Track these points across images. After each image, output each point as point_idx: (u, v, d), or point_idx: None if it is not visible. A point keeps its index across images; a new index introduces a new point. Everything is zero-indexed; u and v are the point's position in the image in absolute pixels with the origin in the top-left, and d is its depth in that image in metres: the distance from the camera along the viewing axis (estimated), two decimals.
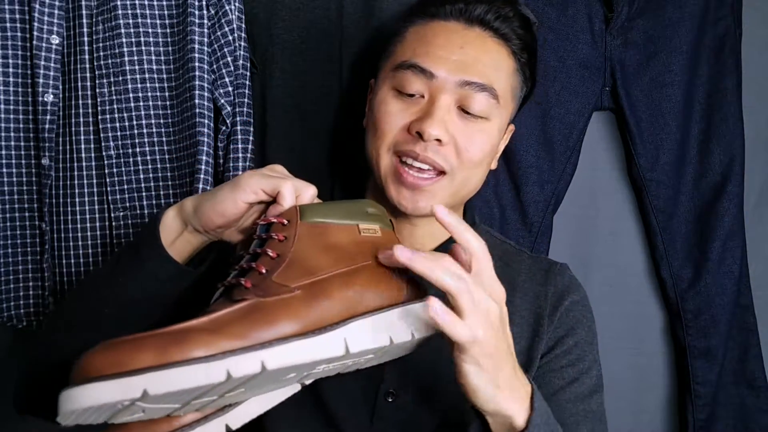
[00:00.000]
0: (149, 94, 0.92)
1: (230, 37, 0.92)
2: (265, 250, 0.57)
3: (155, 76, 0.92)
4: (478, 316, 0.54)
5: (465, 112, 0.74)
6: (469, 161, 0.74)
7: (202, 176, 0.89)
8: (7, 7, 0.89)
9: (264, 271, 0.55)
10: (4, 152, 0.91)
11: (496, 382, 0.56)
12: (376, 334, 0.56)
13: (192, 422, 0.53)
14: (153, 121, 0.92)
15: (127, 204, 0.92)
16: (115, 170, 0.92)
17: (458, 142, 0.73)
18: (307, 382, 0.61)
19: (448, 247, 0.79)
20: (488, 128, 0.76)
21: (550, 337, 0.77)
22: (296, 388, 0.61)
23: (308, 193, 0.61)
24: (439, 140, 0.72)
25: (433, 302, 0.52)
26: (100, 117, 0.91)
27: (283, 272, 0.55)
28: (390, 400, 0.73)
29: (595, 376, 0.78)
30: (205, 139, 0.89)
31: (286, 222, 0.59)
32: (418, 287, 0.61)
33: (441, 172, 0.74)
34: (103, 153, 0.91)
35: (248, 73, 0.95)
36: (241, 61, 0.93)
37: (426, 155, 0.72)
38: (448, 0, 0.77)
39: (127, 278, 0.64)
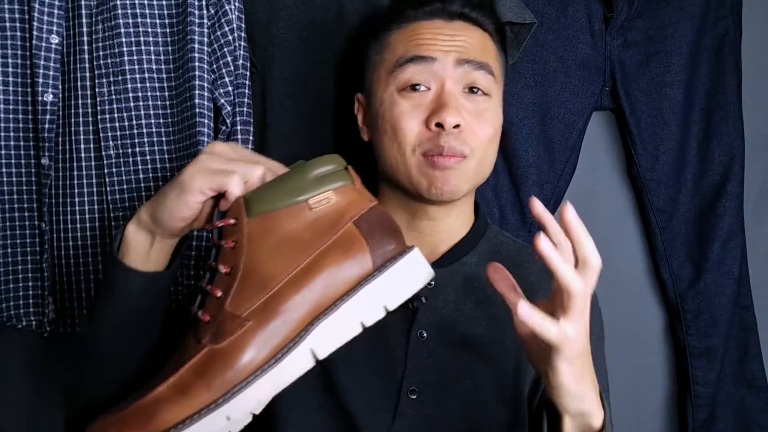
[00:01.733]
0: (149, 94, 0.92)
1: (230, 37, 0.92)
2: (218, 266, 0.57)
3: (155, 76, 0.92)
4: (582, 317, 0.55)
5: (471, 92, 0.77)
6: (485, 138, 0.77)
7: None
8: (6, 6, 0.89)
9: (219, 294, 0.56)
10: (3, 152, 0.91)
11: (584, 381, 0.57)
12: (345, 328, 0.56)
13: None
14: (153, 121, 0.92)
15: (127, 204, 0.92)
16: (114, 170, 0.92)
17: (472, 125, 0.76)
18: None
19: (466, 246, 0.81)
20: (492, 105, 0.79)
21: None
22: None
23: (255, 176, 0.60)
24: (457, 126, 0.74)
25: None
26: (99, 117, 0.91)
27: (236, 295, 0.55)
28: (413, 396, 0.73)
29: (603, 377, 0.79)
30: (205, 139, 0.89)
31: (233, 222, 0.58)
32: (383, 240, 0.59)
33: (463, 157, 0.76)
34: (103, 153, 0.91)
35: (248, 73, 0.95)
36: (241, 61, 0.93)
37: (450, 146, 0.74)
38: (424, 2, 0.79)
39: (108, 303, 0.64)
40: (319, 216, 0.58)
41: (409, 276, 0.58)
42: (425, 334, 0.75)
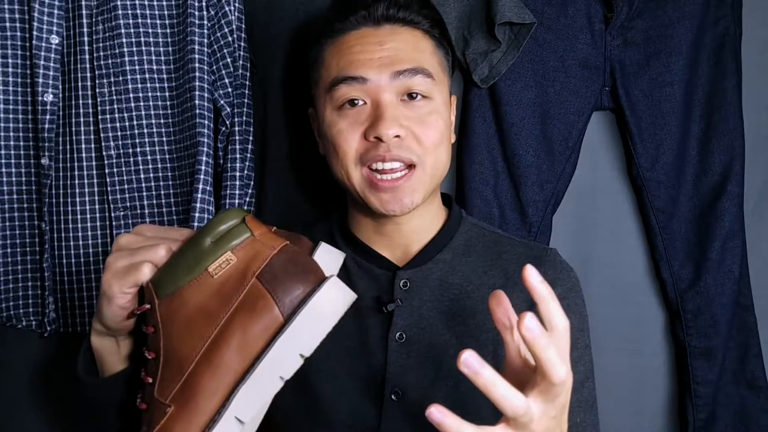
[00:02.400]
0: (149, 94, 0.92)
1: (230, 38, 0.92)
2: (145, 352, 0.59)
3: (155, 76, 0.92)
4: (556, 402, 0.50)
5: (410, 99, 0.76)
6: (431, 144, 0.76)
7: (202, 176, 0.89)
8: (6, 6, 0.89)
9: (150, 381, 0.57)
10: (3, 152, 0.91)
11: None
12: (264, 387, 0.56)
13: None
14: (153, 121, 0.92)
15: (127, 204, 0.92)
16: (115, 170, 0.92)
17: (415, 131, 0.75)
18: None
19: (439, 244, 0.81)
20: (435, 107, 0.78)
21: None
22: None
23: (159, 257, 0.60)
24: (398, 136, 0.74)
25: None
26: (100, 117, 0.91)
27: (161, 380, 0.56)
28: (395, 398, 0.74)
29: (587, 361, 0.79)
30: (205, 140, 0.89)
31: (148, 307, 0.58)
32: (290, 285, 0.57)
33: (411, 166, 0.75)
34: (103, 153, 0.91)
35: (248, 74, 0.95)
36: (240, 62, 0.93)
37: (391, 154, 0.74)
38: (349, 12, 0.78)
39: (93, 402, 0.69)
40: (223, 281, 0.57)
41: (322, 313, 0.57)
42: (404, 336, 0.75)
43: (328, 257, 0.61)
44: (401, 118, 0.75)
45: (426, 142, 0.76)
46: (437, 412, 0.48)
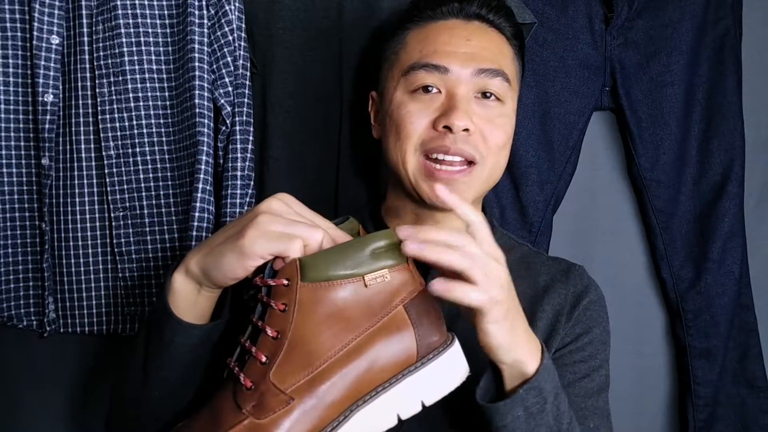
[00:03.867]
0: (149, 94, 0.92)
1: (230, 37, 0.92)
2: (265, 327, 0.55)
3: (155, 76, 0.92)
4: (491, 280, 0.56)
5: (484, 98, 0.77)
6: (495, 146, 0.77)
7: (201, 176, 0.89)
8: (7, 7, 0.89)
9: (263, 359, 0.55)
10: (4, 152, 0.91)
11: (514, 334, 0.59)
12: (381, 418, 0.54)
13: None
14: (153, 121, 0.92)
15: (127, 204, 0.92)
16: (115, 170, 0.92)
17: (483, 130, 0.76)
18: None
19: None
20: (506, 111, 0.78)
21: (567, 333, 0.77)
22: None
23: (315, 242, 0.58)
24: (466, 130, 0.74)
25: (435, 285, 0.54)
26: (100, 117, 0.91)
27: (281, 365, 0.54)
28: None
29: (604, 374, 0.79)
30: (205, 139, 0.89)
31: (286, 282, 0.55)
32: (430, 329, 0.57)
33: (471, 162, 0.75)
34: (103, 153, 0.91)
35: (248, 73, 0.95)
36: (241, 61, 0.93)
37: (456, 147, 0.74)
38: (443, 1, 0.79)
39: (164, 361, 0.64)
40: (373, 294, 0.56)
41: (449, 373, 0.57)
42: None
43: None
44: (472, 114, 0.75)
45: (491, 143, 0.76)
46: (440, 283, 0.54)
